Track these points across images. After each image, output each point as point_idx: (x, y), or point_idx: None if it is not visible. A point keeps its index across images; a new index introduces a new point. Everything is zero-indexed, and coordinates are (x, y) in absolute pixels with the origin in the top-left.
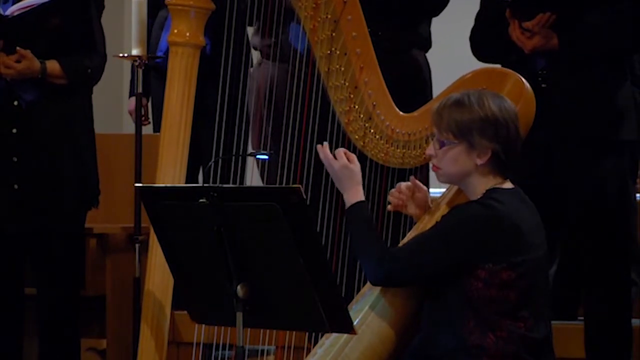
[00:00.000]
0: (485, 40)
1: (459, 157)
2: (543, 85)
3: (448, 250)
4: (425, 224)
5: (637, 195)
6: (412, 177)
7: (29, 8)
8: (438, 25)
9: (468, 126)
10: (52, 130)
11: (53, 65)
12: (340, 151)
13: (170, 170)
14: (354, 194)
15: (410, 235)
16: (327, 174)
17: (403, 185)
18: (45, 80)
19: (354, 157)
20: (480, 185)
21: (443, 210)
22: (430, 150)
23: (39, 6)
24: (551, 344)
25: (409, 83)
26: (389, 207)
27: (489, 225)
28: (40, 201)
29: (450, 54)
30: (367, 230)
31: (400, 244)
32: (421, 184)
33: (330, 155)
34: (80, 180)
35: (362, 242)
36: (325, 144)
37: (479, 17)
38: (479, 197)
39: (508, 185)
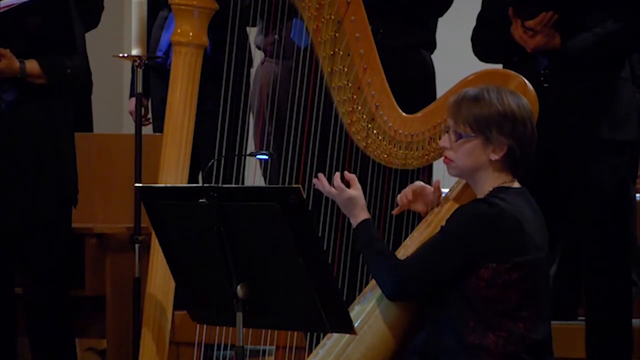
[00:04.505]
0: (487, 40)
1: (474, 150)
2: (545, 85)
3: (458, 252)
4: (429, 223)
5: (637, 195)
6: (437, 181)
7: (8, 8)
8: (439, 26)
9: (487, 121)
10: (32, 130)
11: (32, 65)
12: (340, 182)
13: (173, 170)
14: (359, 216)
15: (413, 235)
16: (329, 174)
17: (410, 189)
18: (24, 80)
19: (353, 178)
20: (489, 181)
21: (447, 209)
22: (444, 142)
23: (19, 6)
24: (551, 345)
25: (417, 82)
26: (394, 211)
27: (493, 223)
28: (20, 201)
29: (451, 54)
30: (377, 248)
31: (403, 245)
32: (440, 187)
33: (332, 190)
34: (60, 179)
35: (373, 259)
36: (321, 175)
37: (480, 18)
38: (485, 194)
39: (516, 184)
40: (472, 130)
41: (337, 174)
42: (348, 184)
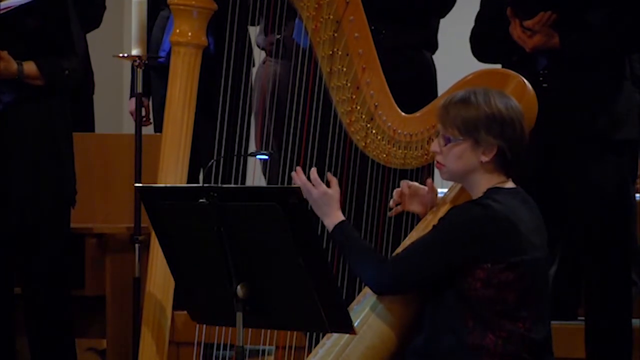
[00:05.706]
0: (486, 40)
1: (464, 153)
2: (545, 85)
3: (447, 251)
4: (428, 223)
5: (637, 195)
6: (428, 180)
7: (6, 9)
8: (439, 26)
9: (474, 123)
10: (30, 131)
11: (30, 67)
12: (317, 175)
13: (172, 170)
14: (335, 217)
15: (412, 235)
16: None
17: (405, 185)
18: (22, 82)
19: (334, 180)
20: (482, 182)
21: (446, 209)
22: (434, 146)
23: (17, 7)
24: (551, 345)
25: (418, 82)
26: (389, 213)
27: (485, 224)
28: (19, 201)
29: (450, 55)
30: (359, 245)
31: (402, 245)
32: (433, 186)
33: (308, 183)
34: (58, 180)
35: (357, 257)
36: (299, 169)
37: (479, 18)
38: (480, 195)
39: (510, 185)
40: (461, 133)
41: (314, 169)
42: (328, 185)
